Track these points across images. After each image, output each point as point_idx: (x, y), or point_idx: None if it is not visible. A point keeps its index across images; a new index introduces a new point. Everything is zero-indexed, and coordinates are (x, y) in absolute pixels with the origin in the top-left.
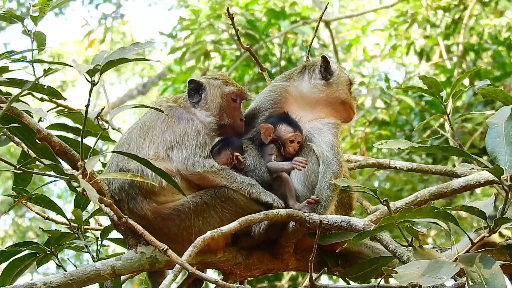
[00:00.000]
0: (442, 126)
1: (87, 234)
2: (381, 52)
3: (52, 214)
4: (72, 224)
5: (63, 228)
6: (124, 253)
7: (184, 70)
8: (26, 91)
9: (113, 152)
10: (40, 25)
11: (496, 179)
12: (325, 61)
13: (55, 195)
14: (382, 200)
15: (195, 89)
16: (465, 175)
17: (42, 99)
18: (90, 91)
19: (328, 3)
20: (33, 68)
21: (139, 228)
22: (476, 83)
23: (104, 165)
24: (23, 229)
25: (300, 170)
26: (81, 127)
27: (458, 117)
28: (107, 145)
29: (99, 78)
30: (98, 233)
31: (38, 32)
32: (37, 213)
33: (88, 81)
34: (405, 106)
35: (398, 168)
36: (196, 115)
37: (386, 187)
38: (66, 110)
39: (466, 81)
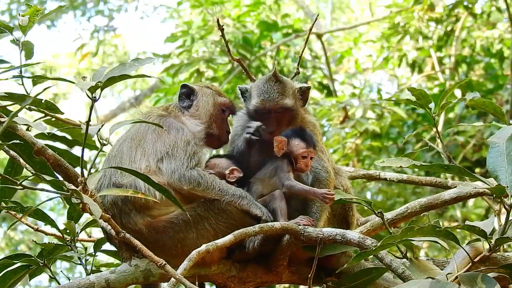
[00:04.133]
0: (434, 138)
1: (80, 246)
2: (373, 64)
3: (42, 226)
4: (65, 236)
5: (55, 240)
6: (118, 265)
7: (177, 83)
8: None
9: (110, 167)
10: (32, 37)
11: (487, 191)
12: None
13: (48, 207)
14: (376, 212)
15: (187, 94)
16: (455, 186)
17: (30, 109)
18: (91, 107)
19: (318, 15)
20: (22, 81)
21: (137, 243)
22: (467, 95)
23: None
24: (15, 242)
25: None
26: (68, 137)
27: (448, 128)
28: (100, 157)
29: (100, 95)
30: (89, 245)
31: (26, 42)
32: (27, 224)
33: (89, 97)
34: (398, 118)
35: (388, 179)
36: (186, 124)
37: (378, 199)
38: (54, 119)
39: (458, 94)
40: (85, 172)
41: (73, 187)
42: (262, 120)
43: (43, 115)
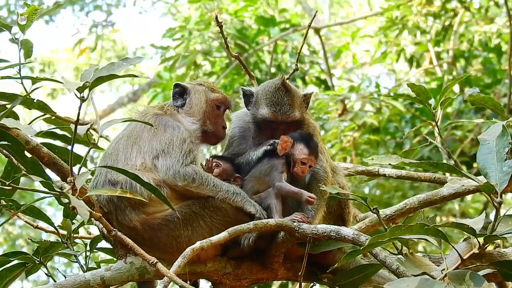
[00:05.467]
0: (432, 133)
1: (77, 241)
2: (371, 58)
3: (41, 223)
4: (61, 232)
5: (53, 237)
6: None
7: (174, 78)
8: None
9: (102, 166)
10: (30, 33)
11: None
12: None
13: (46, 202)
14: (372, 208)
15: (180, 93)
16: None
17: (30, 108)
18: (80, 107)
19: (316, 11)
20: (21, 80)
21: (129, 241)
22: (466, 90)
23: (92, 172)
24: (13, 236)
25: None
26: (68, 135)
27: (447, 125)
28: (98, 152)
29: (88, 95)
30: (87, 241)
31: (25, 40)
32: (26, 221)
33: (77, 97)
34: (396, 112)
35: (387, 175)
36: (182, 123)
37: (376, 194)
38: (54, 117)
39: (456, 88)
40: (82, 170)
41: (66, 185)
42: (269, 129)
43: (42, 113)
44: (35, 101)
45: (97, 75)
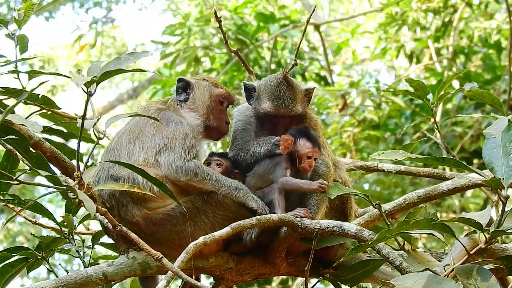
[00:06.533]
0: (433, 129)
1: (76, 238)
2: (371, 54)
3: (40, 219)
4: (63, 229)
5: (53, 233)
6: (115, 257)
7: (174, 74)
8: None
9: (106, 161)
10: (30, 29)
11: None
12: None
13: (46, 199)
14: (374, 204)
15: (183, 87)
16: (453, 178)
17: (26, 103)
18: (87, 101)
19: (315, 6)
20: (18, 76)
21: (134, 236)
22: (465, 85)
23: None
24: (13, 233)
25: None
26: (64, 130)
27: (445, 120)
28: (98, 149)
29: (95, 89)
30: (87, 238)
31: (21, 36)
32: (25, 217)
33: (85, 92)
34: (396, 108)
35: (386, 170)
36: (185, 118)
37: (376, 190)
38: (50, 112)
39: (456, 84)
40: (82, 166)
41: (70, 180)
42: (270, 123)
43: (39, 108)
44: (39, 96)
45: (104, 69)
